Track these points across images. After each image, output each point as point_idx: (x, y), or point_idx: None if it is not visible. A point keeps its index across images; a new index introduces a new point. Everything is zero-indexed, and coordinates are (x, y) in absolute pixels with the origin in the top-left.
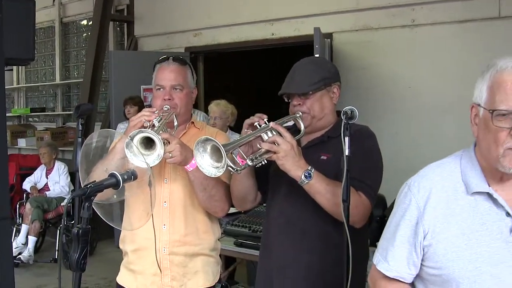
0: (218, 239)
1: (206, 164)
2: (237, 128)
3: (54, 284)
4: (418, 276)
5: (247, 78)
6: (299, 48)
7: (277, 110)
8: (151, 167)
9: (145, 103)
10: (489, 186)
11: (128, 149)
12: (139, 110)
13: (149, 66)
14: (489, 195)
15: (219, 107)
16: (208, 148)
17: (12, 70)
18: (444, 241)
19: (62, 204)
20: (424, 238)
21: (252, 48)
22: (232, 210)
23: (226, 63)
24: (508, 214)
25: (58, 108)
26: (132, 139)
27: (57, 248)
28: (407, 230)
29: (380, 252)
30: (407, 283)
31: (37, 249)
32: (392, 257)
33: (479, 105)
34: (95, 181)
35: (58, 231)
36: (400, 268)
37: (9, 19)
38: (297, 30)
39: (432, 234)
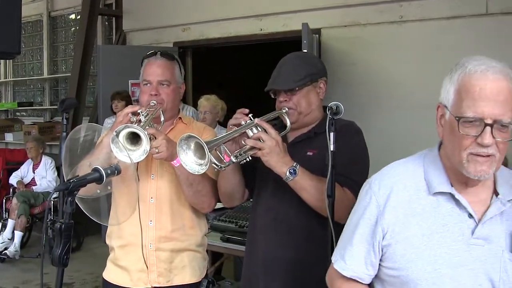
0: (205, 235)
1: (189, 161)
2: (226, 123)
3: (39, 279)
4: (376, 277)
5: (235, 73)
6: (288, 43)
7: (265, 105)
8: (137, 163)
9: (133, 98)
10: (452, 186)
11: (114, 144)
12: (127, 105)
13: (137, 61)
14: (452, 196)
15: (209, 102)
16: (192, 145)
17: None
18: (404, 241)
19: (48, 199)
20: (383, 238)
21: (240, 43)
22: (218, 205)
23: (215, 58)
24: (470, 215)
25: (46, 102)
26: (118, 134)
27: (43, 244)
28: (366, 229)
29: (338, 251)
30: (364, 283)
31: (23, 244)
32: (349, 256)
33: (445, 106)
34: (78, 175)
35: (43, 226)
36: (357, 268)
37: None
38: (286, 25)
39: (392, 234)
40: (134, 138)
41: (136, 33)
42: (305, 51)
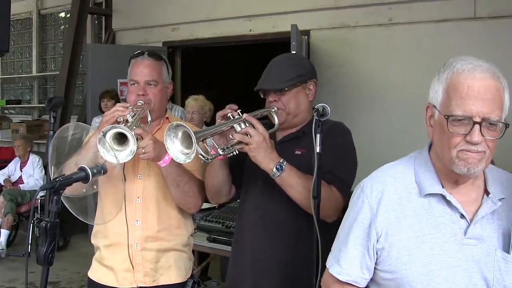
0: (191, 235)
1: (175, 150)
2: (212, 124)
3: (24, 279)
4: (372, 280)
5: (225, 73)
6: (277, 44)
7: (253, 106)
8: (124, 162)
9: (121, 97)
10: (443, 188)
11: (101, 144)
12: (115, 104)
13: (126, 60)
14: (443, 197)
15: (197, 102)
16: (179, 134)
17: None
18: (397, 244)
19: (35, 197)
20: (377, 241)
21: (230, 43)
22: (205, 205)
23: (204, 58)
24: (462, 216)
25: (34, 100)
26: (104, 134)
27: (28, 242)
28: (360, 233)
29: (333, 255)
30: (360, 287)
31: (9, 242)
32: (344, 260)
33: (434, 106)
34: (64, 174)
35: (29, 224)
36: (353, 272)
37: None
38: (275, 26)
39: (385, 237)
40: (121, 139)
41: (126, 32)
42: (294, 52)
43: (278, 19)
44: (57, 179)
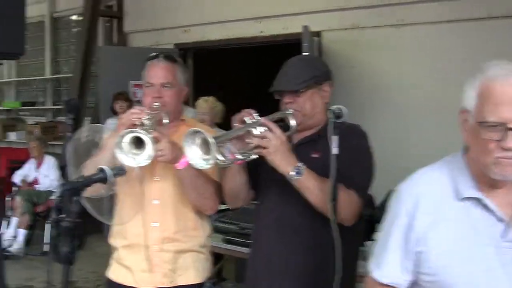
0: (208, 236)
1: (195, 156)
2: (223, 126)
3: (43, 277)
4: (415, 283)
5: (236, 75)
6: (288, 45)
7: (265, 107)
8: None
9: (134, 99)
10: (479, 191)
11: (118, 148)
12: (131, 106)
13: (137, 62)
14: (479, 201)
15: (208, 104)
16: (198, 140)
17: (2, 64)
18: (435, 247)
19: (51, 197)
20: (416, 244)
21: (241, 45)
22: (220, 206)
23: (215, 59)
24: (499, 219)
25: (48, 102)
26: (122, 138)
27: (46, 242)
28: (399, 237)
29: (374, 260)
30: None
31: (26, 242)
32: (385, 263)
33: (468, 111)
34: (83, 175)
35: (47, 224)
36: (394, 274)
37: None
38: (286, 28)
39: (423, 241)
40: (138, 142)
41: (137, 35)
42: (307, 54)
43: (289, 21)
44: (77, 180)
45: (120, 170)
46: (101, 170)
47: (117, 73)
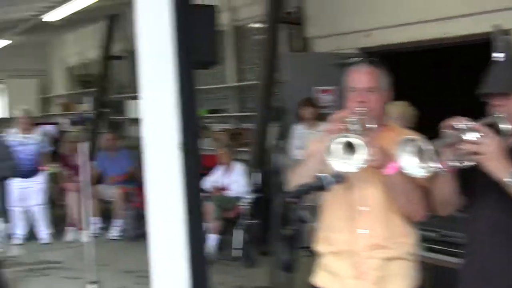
0: (416, 244)
1: (410, 163)
2: (415, 130)
3: (234, 282)
4: None
5: (422, 79)
6: (473, 46)
7: (451, 113)
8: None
9: (320, 105)
10: None
11: (331, 154)
12: (317, 112)
13: (321, 68)
14: None
15: (398, 108)
16: (412, 147)
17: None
18: None
19: (239, 203)
20: None
21: (425, 48)
22: None
23: (399, 63)
24: None
25: (232, 109)
26: (335, 144)
27: (234, 247)
28: None
29: None
30: None
31: (219, 247)
32: None
33: None
34: (300, 183)
35: (235, 230)
36: None
37: (195, 24)
38: (471, 28)
39: None
40: (347, 147)
41: (318, 40)
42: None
43: (474, 20)
44: (297, 188)
45: (339, 177)
46: (319, 177)
47: (301, 79)
